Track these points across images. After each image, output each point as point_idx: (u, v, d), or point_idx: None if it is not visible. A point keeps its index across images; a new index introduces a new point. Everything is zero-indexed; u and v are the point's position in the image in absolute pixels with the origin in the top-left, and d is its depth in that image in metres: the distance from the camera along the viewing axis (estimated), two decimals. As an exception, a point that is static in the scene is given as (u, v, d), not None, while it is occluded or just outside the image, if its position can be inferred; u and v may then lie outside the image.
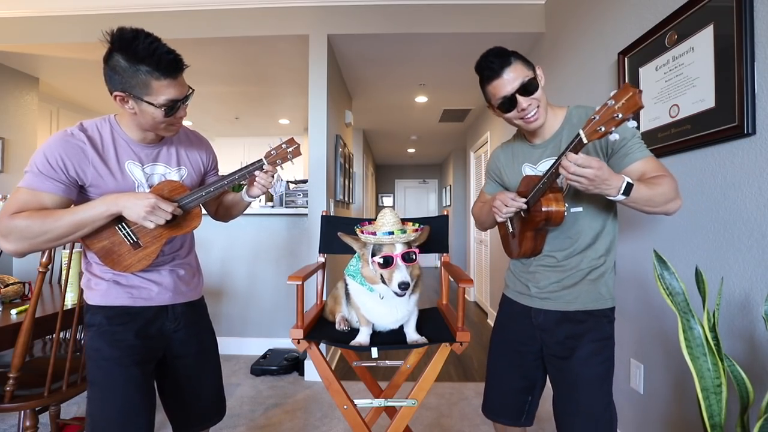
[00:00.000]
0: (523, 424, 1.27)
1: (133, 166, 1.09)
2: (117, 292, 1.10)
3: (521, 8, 2.80)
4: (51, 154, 0.99)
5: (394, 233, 1.16)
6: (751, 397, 0.96)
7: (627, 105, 0.83)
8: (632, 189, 0.94)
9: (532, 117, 1.12)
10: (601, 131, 0.87)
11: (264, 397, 2.49)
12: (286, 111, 4.96)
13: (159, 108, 1.00)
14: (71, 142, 1.02)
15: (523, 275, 1.26)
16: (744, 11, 1.23)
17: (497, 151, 1.37)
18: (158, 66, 0.96)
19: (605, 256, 1.15)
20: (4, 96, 3.37)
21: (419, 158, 8.53)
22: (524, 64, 1.11)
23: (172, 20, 2.86)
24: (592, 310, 1.14)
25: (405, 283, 1.12)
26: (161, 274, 1.16)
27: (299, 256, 3.23)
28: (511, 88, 1.09)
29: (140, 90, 0.98)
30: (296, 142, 1.21)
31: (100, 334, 1.07)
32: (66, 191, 1.01)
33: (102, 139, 1.06)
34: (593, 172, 0.91)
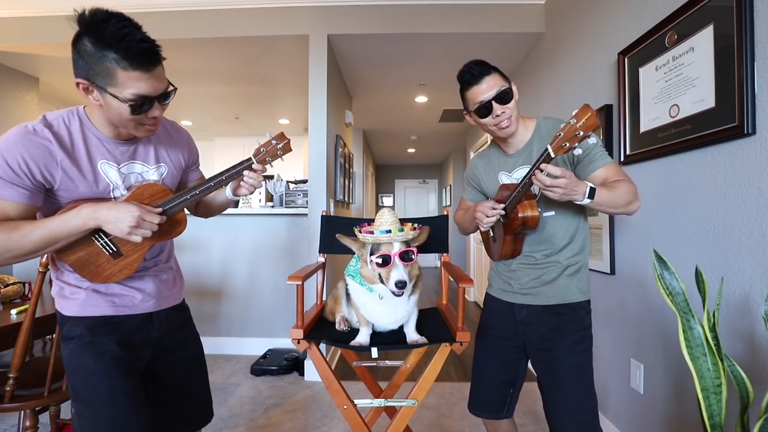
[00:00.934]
0: (504, 416, 1.36)
1: (107, 167, 0.97)
2: (97, 301, 1.00)
3: (521, 8, 2.80)
4: (12, 157, 0.85)
5: (391, 231, 1.17)
6: (751, 397, 0.96)
7: (586, 124, 0.94)
8: (595, 193, 1.05)
9: (504, 124, 1.22)
10: (566, 147, 0.97)
11: (264, 397, 2.49)
12: (286, 111, 4.96)
13: (124, 103, 0.87)
14: (34, 140, 0.88)
15: (505, 273, 1.34)
16: (744, 11, 1.23)
17: (474, 159, 1.46)
18: (127, 54, 0.83)
19: (579, 254, 1.26)
20: (4, 96, 3.37)
21: (419, 158, 8.53)
22: (501, 76, 1.23)
23: (171, 20, 2.86)
24: (571, 303, 1.24)
25: (402, 282, 1.12)
26: (144, 281, 1.07)
27: (299, 256, 3.23)
28: (488, 96, 1.20)
29: (104, 79, 0.85)
30: (286, 137, 1.12)
31: (82, 346, 0.97)
32: (31, 198, 0.88)
33: (71, 135, 0.93)
34: (565, 182, 1.01)
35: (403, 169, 9.39)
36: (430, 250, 1.55)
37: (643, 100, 1.71)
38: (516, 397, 1.36)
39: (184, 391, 1.17)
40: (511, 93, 1.21)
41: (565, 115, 2.52)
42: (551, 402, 1.24)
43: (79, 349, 0.97)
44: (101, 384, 0.96)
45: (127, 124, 0.92)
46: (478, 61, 1.24)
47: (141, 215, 0.91)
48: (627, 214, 1.15)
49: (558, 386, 1.22)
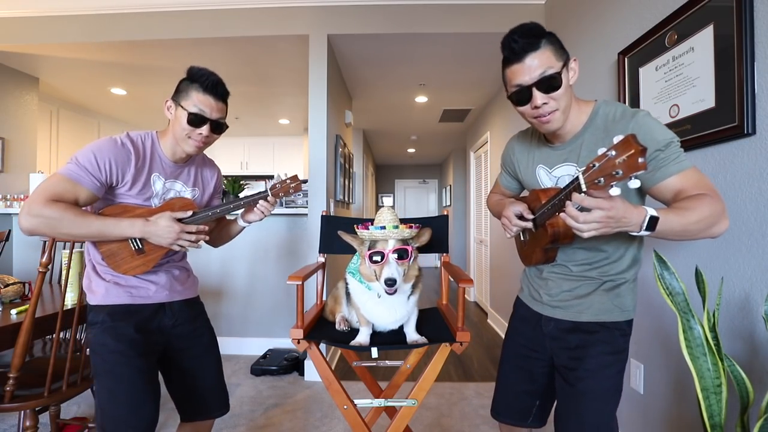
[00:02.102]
0: (530, 425, 1.23)
1: (156, 178, 1.21)
2: (117, 291, 1.18)
3: (521, 8, 2.80)
4: (101, 155, 1.10)
5: (386, 228, 1.17)
6: (751, 397, 0.96)
7: (628, 164, 0.69)
8: (658, 222, 0.79)
9: (546, 118, 0.98)
10: (599, 184, 0.73)
11: (264, 397, 2.49)
12: (286, 111, 4.96)
13: (186, 112, 1.15)
14: (122, 149, 1.14)
15: (536, 280, 1.19)
16: (744, 11, 1.23)
17: (513, 142, 1.25)
18: (203, 82, 1.16)
19: (625, 272, 1.05)
20: (4, 96, 3.37)
21: (419, 158, 8.53)
22: (555, 52, 0.95)
23: (171, 20, 2.86)
24: (605, 322, 1.05)
25: (391, 280, 1.11)
26: (157, 275, 1.25)
27: (299, 256, 3.23)
28: (529, 79, 0.94)
29: (183, 97, 1.17)
30: (299, 179, 1.32)
31: (104, 330, 1.14)
32: (99, 190, 1.11)
33: (144, 151, 1.19)
34: (603, 215, 0.76)
35: (403, 169, 9.39)
36: (430, 250, 1.55)
37: (643, 100, 1.71)
38: (545, 410, 1.21)
39: (200, 377, 1.31)
40: (559, 79, 0.93)
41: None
42: (562, 422, 1.09)
43: (101, 332, 1.15)
44: (119, 362, 1.12)
45: (182, 135, 1.18)
46: (528, 27, 0.95)
47: (182, 230, 1.16)
48: (710, 237, 0.89)
49: (572, 411, 1.06)
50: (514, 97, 0.99)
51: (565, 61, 0.96)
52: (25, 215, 1.01)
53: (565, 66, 0.96)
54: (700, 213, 0.83)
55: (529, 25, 0.95)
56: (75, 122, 4.63)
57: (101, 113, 4.95)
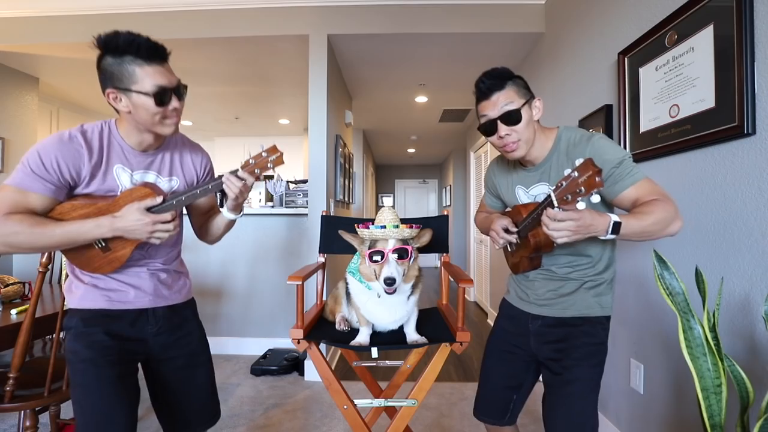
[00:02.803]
0: (506, 423, 1.30)
1: (121, 171, 1.07)
2: (94, 295, 1.09)
3: (521, 8, 2.80)
4: (46, 155, 0.98)
5: (386, 227, 1.17)
6: (751, 397, 0.96)
7: (588, 183, 0.83)
8: (620, 226, 0.93)
9: (510, 147, 1.12)
10: (568, 200, 0.87)
11: (264, 397, 2.49)
12: (286, 111, 4.96)
13: (149, 96, 0.98)
14: (70, 145, 1.00)
15: (523, 282, 1.28)
16: (744, 11, 1.23)
17: (493, 165, 1.38)
18: (138, 52, 0.97)
19: (602, 273, 1.17)
20: (4, 96, 3.37)
21: (419, 158, 8.53)
22: (518, 91, 1.10)
23: (171, 20, 2.86)
24: (588, 316, 1.16)
25: (391, 278, 1.11)
26: (140, 278, 1.13)
27: (299, 256, 3.23)
28: (494, 113, 1.10)
29: (127, 81, 0.98)
30: (278, 150, 1.11)
31: (76, 336, 1.06)
32: (55, 193, 1.00)
33: (100, 143, 1.05)
34: (574, 224, 0.90)
35: (403, 169, 9.39)
36: (430, 250, 1.55)
37: (643, 100, 1.71)
38: (520, 404, 1.30)
39: (185, 389, 1.19)
40: (519, 115, 1.08)
41: (566, 118, 2.51)
42: (551, 414, 1.18)
43: (73, 338, 1.06)
44: (89, 371, 1.03)
45: (154, 120, 1.02)
46: (495, 72, 1.12)
47: (155, 219, 1.02)
48: (668, 236, 1.02)
49: (561, 397, 1.15)
50: (483, 128, 1.14)
51: (527, 99, 1.11)
52: None
53: (528, 104, 1.11)
54: (656, 216, 0.97)
55: (498, 69, 1.12)
56: (75, 122, 4.61)
57: (101, 113, 4.95)
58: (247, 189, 1.13)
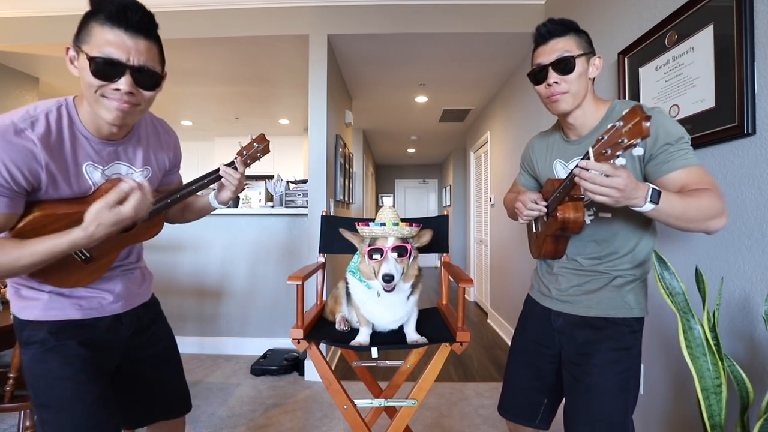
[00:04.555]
0: (537, 426, 1.23)
1: (92, 169, 0.92)
2: (61, 304, 0.94)
3: (521, 8, 2.80)
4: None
5: (385, 224, 1.17)
6: (751, 397, 0.96)
7: (632, 131, 0.75)
8: (661, 197, 0.84)
9: (556, 97, 1.05)
10: (606, 154, 0.79)
11: (264, 397, 2.49)
12: (286, 111, 4.96)
13: (91, 61, 0.79)
14: (18, 144, 0.80)
15: (546, 276, 1.22)
16: (744, 11, 1.23)
17: (533, 140, 1.30)
18: (107, 9, 0.78)
19: (637, 268, 1.08)
20: (4, 96, 3.37)
21: (419, 158, 8.53)
22: (579, 43, 1.04)
23: (171, 20, 2.86)
24: (614, 318, 1.06)
25: (389, 275, 1.11)
26: (113, 282, 1.02)
27: (299, 256, 3.23)
28: (547, 59, 1.04)
29: (83, 36, 0.81)
30: (266, 140, 1.13)
31: (46, 351, 0.91)
32: (12, 206, 0.81)
33: (59, 134, 0.86)
34: (621, 182, 0.80)
35: (403, 169, 9.39)
36: (430, 250, 1.55)
37: (643, 100, 1.71)
38: (551, 410, 1.22)
39: (160, 384, 1.15)
40: (573, 63, 1.01)
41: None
42: (572, 418, 1.09)
43: (42, 354, 0.91)
44: (69, 389, 0.91)
45: (91, 95, 0.83)
46: (561, 20, 1.08)
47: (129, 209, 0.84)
48: (705, 232, 0.92)
49: (582, 403, 1.07)
50: (533, 75, 1.09)
51: (586, 52, 1.05)
52: None
53: (585, 56, 1.05)
54: (701, 202, 0.88)
55: (563, 19, 1.08)
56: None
57: (101, 113, 4.95)
58: (242, 184, 1.11)
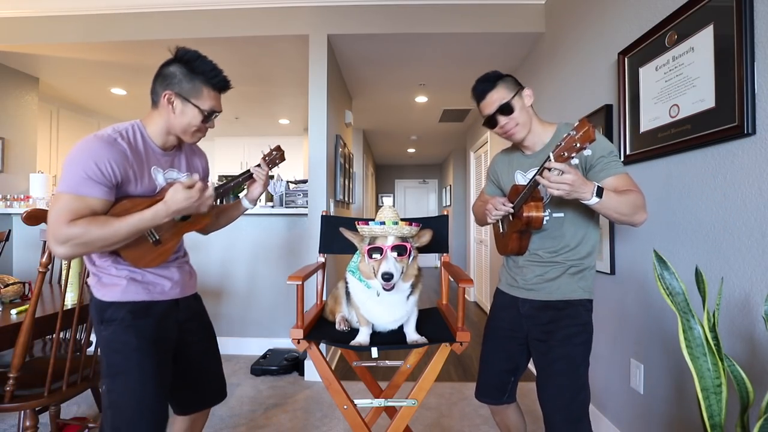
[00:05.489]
0: (505, 401, 1.44)
1: (156, 172, 1.19)
2: (136, 288, 1.17)
3: (521, 8, 2.80)
4: (101, 160, 1.04)
5: (385, 224, 1.18)
6: (751, 397, 0.96)
7: (583, 137, 0.99)
8: (603, 193, 1.10)
9: (511, 131, 1.31)
10: (564, 156, 1.04)
11: (264, 397, 2.49)
12: (286, 111, 4.96)
13: (201, 113, 1.16)
14: (117, 148, 1.08)
15: (513, 269, 1.41)
16: (744, 11, 1.23)
17: (497, 156, 1.53)
18: (212, 79, 1.17)
19: (586, 258, 1.31)
20: (4, 96, 3.37)
21: (419, 158, 8.53)
22: (508, 87, 1.29)
23: (171, 20, 2.87)
24: (571, 299, 1.29)
25: (388, 274, 1.12)
26: (171, 271, 1.26)
27: (299, 256, 3.23)
28: (491, 109, 1.29)
29: (191, 93, 1.14)
30: (282, 149, 1.46)
31: (126, 327, 1.13)
32: (110, 194, 1.07)
33: (137, 144, 1.15)
34: (571, 178, 1.06)
35: (403, 169, 9.39)
36: (430, 250, 1.55)
37: (643, 100, 1.71)
38: (515, 384, 1.44)
39: (203, 369, 1.34)
40: (511, 106, 1.28)
41: (566, 118, 2.52)
42: (542, 391, 1.30)
43: (123, 330, 1.13)
44: (141, 359, 1.13)
45: (189, 130, 1.19)
46: (485, 76, 1.32)
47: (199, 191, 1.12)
48: (632, 224, 1.19)
49: (549, 375, 1.28)
50: (486, 124, 1.34)
51: (516, 91, 1.29)
52: (54, 245, 1.01)
53: (518, 94, 1.29)
54: (629, 199, 1.15)
55: (488, 74, 1.32)
56: (75, 122, 4.63)
57: (101, 113, 4.95)
58: (268, 180, 1.42)
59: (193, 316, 1.32)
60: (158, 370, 1.15)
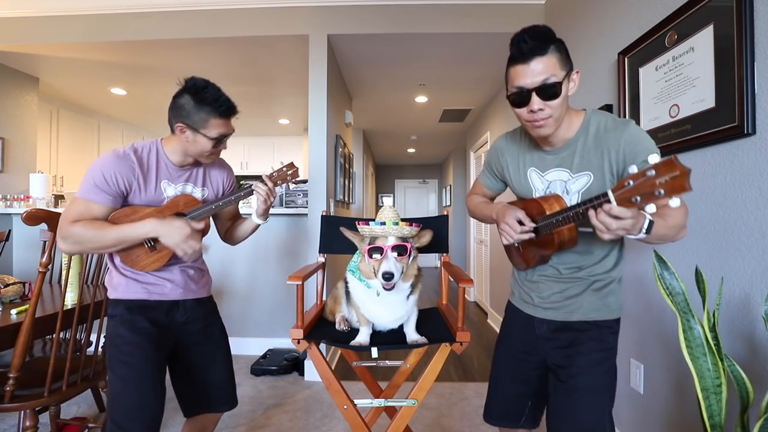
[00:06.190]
0: (523, 426, 1.23)
1: (167, 185, 1.28)
2: (135, 287, 1.26)
3: (521, 8, 2.80)
4: (108, 172, 1.17)
5: (386, 224, 1.18)
6: (751, 397, 0.96)
7: (673, 185, 0.69)
8: (653, 227, 0.84)
9: (539, 123, 1.00)
10: (636, 202, 0.75)
11: (264, 397, 2.49)
12: (286, 111, 4.96)
13: (210, 140, 1.24)
14: (125, 162, 1.20)
15: (526, 284, 1.21)
16: (744, 11, 1.23)
17: (501, 144, 1.24)
18: (218, 109, 1.22)
19: (612, 270, 1.10)
20: (4, 96, 3.37)
21: (419, 158, 8.53)
22: (561, 60, 0.97)
23: (171, 20, 2.86)
24: (596, 320, 1.08)
25: (389, 273, 1.11)
26: (173, 273, 1.31)
27: (299, 256, 3.23)
28: (531, 83, 0.96)
29: (200, 124, 1.22)
30: (295, 167, 1.42)
31: (122, 322, 1.22)
32: (113, 202, 1.20)
33: (148, 161, 1.26)
34: (631, 223, 0.79)
35: (403, 169, 9.39)
36: (430, 250, 1.55)
37: (643, 100, 1.71)
38: (537, 410, 1.23)
39: (205, 373, 1.35)
40: (560, 89, 0.96)
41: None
42: (555, 420, 1.10)
43: (119, 324, 1.22)
44: (135, 352, 1.19)
45: (203, 154, 1.27)
46: (539, 30, 0.95)
47: (189, 236, 1.20)
48: (673, 241, 0.96)
49: (566, 405, 1.08)
50: (514, 98, 1.01)
51: (568, 71, 0.98)
52: (58, 239, 1.16)
53: (568, 76, 0.98)
54: (676, 220, 0.90)
55: (541, 28, 0.96)
56: (75, 122, 4.62)
57: (101, 113, 4.95)
58: (273, 194, 1.38)
59: (194, 319, 1.34)
60: (153, 365, 1.20)
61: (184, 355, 1.33)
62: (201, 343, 1.35)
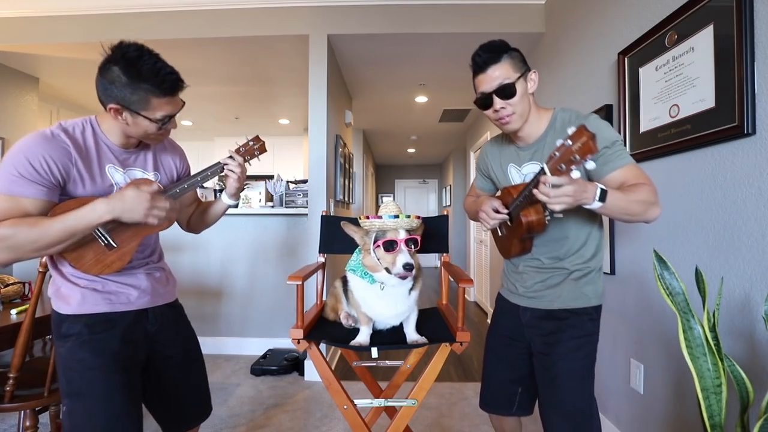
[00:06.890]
0: (515, 413, 1.31)
1: (113, 170, 1.07)
2: (95, 298, 1.05)
3: (521, 8, 2.80)
4: (34, 157, 0.93)
5: (398, 217, 1.20)
6: (751, 397, 0.96)
7: (583, 149, 0.84)
8: (607, 195, 0.96)
9: (505, 120, 1.15)
10: (562, 169, 0.89)
11: (264, 397, 2.49)
12: (286, 111, 4.96)
13: (154, 123, 1.03)
14: (54, 143, 0.97)
15: (512, 275, 1.31)
16: (744, 11, 1.23)
17: (486, 146, 1.40)
18: (161, 86, 0.99)
19: (591, 260, 1.20)
20: (4, 96, 3.37)
21: (419, 158, 8.53)
22: (514, 65, 1.11)
23: (171, 20, 2.86)
24: (574, 308, 1.18)
25: (409, 264, 1.14)
26: (138, 278, 1.13)
27: (299, 256, 3.23)
28: (489, 87, 1.11)
29: (138, 105, 1.00)
30: (261, 140, 1.26)
31: (81, 343, 1.02)
32: (49, 194, 0.96)
33: (85, 143, 1.03)
34: (571, 189, 0.91)
35: (403, 169, 9.39)
36: (430, 250, 1.55)
37: (643, 100, 1.71)
38: (528, 397, 1.31)
39: (181, 385, 1.21)
40: (514, 88, 1.10)
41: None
42: (544, 406, 1.22)
43: (78, 346, 1.02)
44: (100, 378, 1.01)
45: (149, 136, 1.07)
46: (491, 45, 1.12)
47: (152, 199, 1.00)
48: (645, 222, 1.05)
49: (551, 390, 1.18)
50: (479, 102, 1.16)
51: (522, 72, 1.12)
52: None
53: (523, 77, 1.12)
54: (640, 196, 1.01)
55: (494, 42, 1.13)
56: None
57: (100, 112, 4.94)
58: (244, 173, 1.22)
59: (167, 326, 1.18)
60: (123, 391, 1.03)
61: (156, 370, 1.16)
62: (174, 355, 1.19)
